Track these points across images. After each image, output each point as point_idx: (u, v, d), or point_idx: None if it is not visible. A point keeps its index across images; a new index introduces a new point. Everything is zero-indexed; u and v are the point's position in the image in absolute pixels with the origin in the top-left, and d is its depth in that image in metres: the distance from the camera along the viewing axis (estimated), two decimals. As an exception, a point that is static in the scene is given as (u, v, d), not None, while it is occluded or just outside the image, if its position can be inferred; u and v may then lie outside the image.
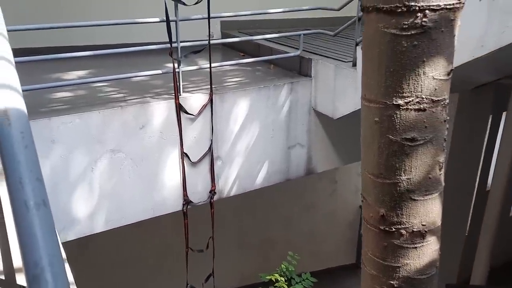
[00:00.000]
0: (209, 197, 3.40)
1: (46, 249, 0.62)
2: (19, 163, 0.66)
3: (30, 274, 0.60)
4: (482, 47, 2.34)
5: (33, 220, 0.63)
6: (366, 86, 1.37)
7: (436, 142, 1.34)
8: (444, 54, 1.25)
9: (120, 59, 3.58)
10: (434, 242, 1.47)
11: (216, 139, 3.27)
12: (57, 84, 2.86)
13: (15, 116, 0.70)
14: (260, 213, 6.39)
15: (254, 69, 3.93)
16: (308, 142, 3.74)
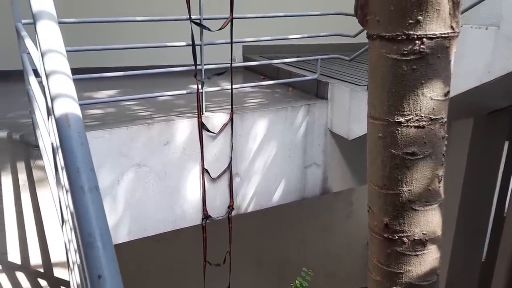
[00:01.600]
0: (227, 212, 3.54)
1: (97, 223, 0.78)
2: (76, 156, 0.83)
3: (85, 242, 0.76)
4: (489, 73, 2.47)
5: (88, 201, 0.80)
6: (371, 105, 1.51)
7: (435, 156, 1.47)
8: (440, 77, 1.39)
9: (148, 80, 3.81)
10: (435, 250, 1.58)
11: (235, 157, 3.42)
12: (90, 102, 3.08)
13: (73, 119, 0.87)
14: (277, 233, 6.48)
15: (273, 91, 4.11)
16: (324, 162, 3.86)
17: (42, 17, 1.02)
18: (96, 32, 4.23)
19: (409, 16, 1.33)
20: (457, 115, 4.07)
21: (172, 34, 3.35)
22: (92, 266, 0.74)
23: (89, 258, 0.75)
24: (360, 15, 1.47)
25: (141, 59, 3.98)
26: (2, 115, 3.32)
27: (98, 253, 0.75)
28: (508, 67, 2.37)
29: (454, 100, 2.93)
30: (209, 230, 3.54)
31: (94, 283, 0.73)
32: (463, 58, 2.59)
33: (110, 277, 0.73)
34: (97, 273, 0.73)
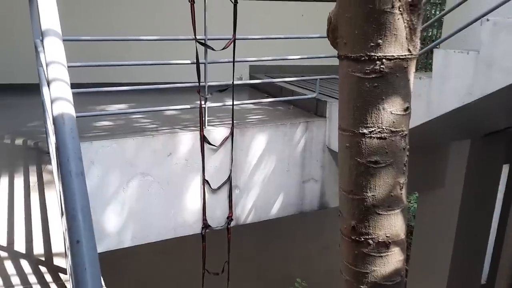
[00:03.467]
0: (226, 223, 3.70)
1: (80, 201, 0.96)
2: (68, 148, 1.02)
3: (69, 215, 0.95)
4: (470, 95, 2.62)
5: (74, 182, 0.98)
6: (340, 118, 1.68)
7: (396, 166, 1.62)
8: (400, 94, 1.56)
9: (155, 96, 4.05)
10: (398, 252, 1.72)
11: (235, 169, 3.60)
12: (99, 113, 3.32)
13: (67, 118, 1.06)
14: (279, 248, 6.58)
15: (275, 109, 4.30)
16: (322, 178, 4.01)
17: (49, 34, 1.22)
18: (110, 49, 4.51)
19: (370, 39, 1.50)
20: (452, 136, 4.19)
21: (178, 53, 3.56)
22: (72, 233, 0.92)
23: (70, 228, 0.94)
24: (331, 38, 1.66)
25: (150, 76, 4.23)
26: (21, 124, 3.57)
27: (78, 223, 0.93)
28: (487, 89, 2.52)
29: (443, 120, 3.09)
30: (210, 241, 3.69)
31: (73, 247, 0.91)
32: (447, 80, 2.75)
33: (86, 242, 0.91)
34: (76, 238, 0.92)
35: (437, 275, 4.95)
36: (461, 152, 4.42)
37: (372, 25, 1.48)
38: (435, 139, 4.33)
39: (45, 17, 1.30)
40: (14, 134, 3.22)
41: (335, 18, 1.61)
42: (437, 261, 4.91)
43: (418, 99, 2.99)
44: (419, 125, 3.16)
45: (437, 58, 2.79)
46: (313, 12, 5.07)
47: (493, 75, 2.45)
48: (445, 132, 3.97)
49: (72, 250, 0.91)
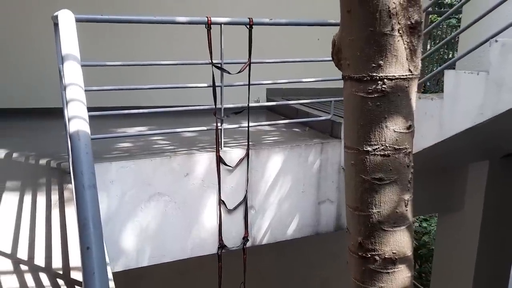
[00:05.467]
0: (242, 243, 3.73)
1: (91, 211, 1.04)
2: (82, 162, 1.10)
3: (81, 224, 1.02)
4: (481, 115, 2.63)
5: (86, 194, 1.06)
6: (346, 136, 1.74)
7: (400, 182, 1.66)
8: (402, 112, 1.61)
9: (173, 119, 4.17)
10: (405, 269, 1.74)
11: (250, 190, 3.65)
12: (119, 135, 3.44)
13: (82, 135, 1.15)
14: (297, 271, 6.54)
15: (291, 130, 4.37)
16: (338, 199, 4.02)
17: (68, 59, 1.33)
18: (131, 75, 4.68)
19: (372, 60, 1.57)
20: (470, 157, 4.16)
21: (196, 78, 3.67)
22: (83, 240, 1.00)
23: (82, 235, 1.01)
24: (336, 59, 1.73)
25: (168, 100, 4.38)
26: (46, 146, 3.72)
27: (89, 231, 1.00)
28: (498, 109, 2.54)
29: (457, 140, 3.10)
30: (227, 263, 3.72)
31: (84, 253, 0.98)
32: (458, 101, 2.78)
33: (96, 248, 0.98)
34: (86, 245, 0.99)
35: (459, 301, 4.84)
36: (480, 173, 4.39)
37: (373, 47, 1.55)
38: (453, 160, 4.31)
39: (66, 43, 1.40)
40: (39, 155, 3.36)
41: (338, 41, 1.68)
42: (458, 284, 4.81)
43: (430, 120, 3.02)
44: (434, 146, 3.17)
45: (448, 79, 2.83)
46: (329, 36, 5.17)
47: (503, 95, 2.47)
48: (463, 154, 3.96)
49: (82, 256, 0.98)
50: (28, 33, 4.86)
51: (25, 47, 4.89)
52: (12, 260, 1.90)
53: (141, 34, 5.16)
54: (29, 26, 4.85)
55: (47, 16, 2.80)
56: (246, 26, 3.29)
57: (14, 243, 2.03)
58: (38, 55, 4.75)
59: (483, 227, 4.45)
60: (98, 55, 3.95)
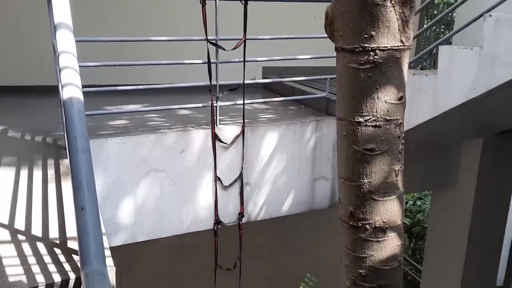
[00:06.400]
0: (237, 219, 3.78)
1: (85, 174, 1.06)
2: (75, 127, 1.12)
3: (75, 186, 1.04)
4: (474, 90, 2.65)
5: (80, 158, 1.08)
6: (338, 108, 1.76)
7: (391, 153, 1.68)
8: (393, 83, 1.62)
9: (169, 97, 4.17)
10: (395, 238, 1.78)
11: (246, 167, 3.68)
12: (115, 111, 3.44)
13: (76, 101, 1.16)
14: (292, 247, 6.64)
15: (286, 108, 4.38)
16: (333, 176, 4.06)
17: (60, 27, 1.33)
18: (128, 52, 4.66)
19: (364, 31, 1.58)
20: (464, 134, 4.19)
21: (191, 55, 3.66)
22: (78, 201, 1.02)
23: (76, 197, 1.03)
24: (329, 31, 1.73)
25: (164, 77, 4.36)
26: (41, 123, 3.73)
27: (83, 192, 1.03)
28: (491, 83, 2.55)
29: (451, 116, 3.12)
30: (223, 239, 3.76)
31: (78, 213, 1.01)
32: (452, 76, 2.79)
33: (90, 209, 1.01)
34: (80, 206, 1.01)
35: (451, 276, 4.93)
36: (474, 150, 4.42)
37: (366, 18, 1.56)
38: (448, 137, 4.34)
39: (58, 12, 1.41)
40: (35, 132, 3.37)
41: (331, 12, 1.69)
42: (450, 262, 4.90)
43: (424, 96, 3.04)
44: (428, 122, 3.20)
45: (442, 54, 2.83)
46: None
47: (496, 70, 2.48)
48: (457, 131, 3.99)
49: (77, 217, 1.01)
50: (22, 9, 4.82)
51: (19, 24, 4.84)
52: (10, 230, 1.93)
53: (135, 11, 5.12)
54: (22, 1, 4.79)
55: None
56: (241, 1, 3.28)
57: (11, 214, 2.06)
58: (33, 33, 4.71)
59: (476, 204, 4.50)
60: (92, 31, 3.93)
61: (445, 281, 5.00)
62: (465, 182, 4.54)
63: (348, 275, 1.85)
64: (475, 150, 4.39)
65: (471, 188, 4.48)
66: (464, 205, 4.59)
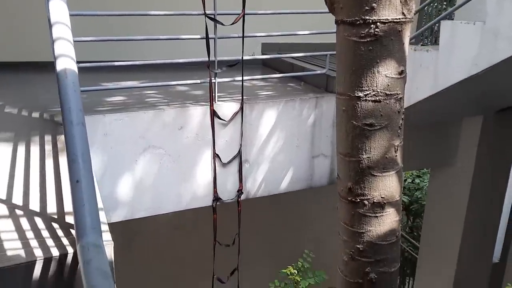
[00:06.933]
0: (236, 196, 3.78)
1: (80, 147, 1.05)
2: (70, 99, 1.10)
3: (70, 158, 1.03)
4: (476, 66, 2.62)
5: (75, 131, 1.06)
6: (338, 83, 1.73)
7: (391, 128, 1.67)
8: (394, 57, 1.60)
9: (167, 73, 4.12)
10: (393, 213, 1.77)
11: (245, 144, 3.67)
12: (112, 87, 3.41)
13: (70, 73, 1.14)
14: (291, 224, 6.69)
15: (285, 85, 4.34)
16: (332, 153, 4.05)
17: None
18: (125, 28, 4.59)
19: (365, 3, 1.54)
20: (464, 112, 4.17)
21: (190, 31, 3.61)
22: (73, 174, 1.01)
23: (71, 170, 1.02)
24: (329, 3, 1.70)
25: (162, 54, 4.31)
26: (39, 99, 3.70)
27: (78, 165, 1.01)
28: (493, 59, 2.52)
29: (452, 93, 3.09)
30: (222, 216, 3.78)
31: (73, 186, 1.00)
32: (454, 52, 2.75)
33: (85, 181, 0.99)
34: (75, 178, 1.00)
35: (448, 253, 4.98)
36: (474, 128, 4.41)
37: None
38: (447, 115, 4.32)
39: (51, -18, 1.36)
40: (32, 108, 3.35)
41: (332, -16, 1.65)
42: (448, 239, 4.94)
43: (425, 72, 3.00)
44: (429, 99, 3.17)
45: (444, 30, 2.79)
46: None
47: (498, 45, 2.45)
48: (457, 108, 3.96)
49: (72, 189, 0.99)
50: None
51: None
52: (7, 205, 1.92)
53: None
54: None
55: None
56: (239, -25, 3.21)
57: (9, 190, 2.05)
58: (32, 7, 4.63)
59: (475, 182, 4.51)
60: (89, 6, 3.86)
61: (442, 258, 5.05)
62: (464, 160, 4.54)
63: (345, 250, 1.86)
64: (475, 128, 4.37)
65: (470, 166, 4.48)
66: (462, 183, 4.59)
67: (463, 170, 4.57)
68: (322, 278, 3.78)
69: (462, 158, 4.57)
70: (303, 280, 3.71)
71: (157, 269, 6.25)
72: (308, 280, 3.69)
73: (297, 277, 3.70)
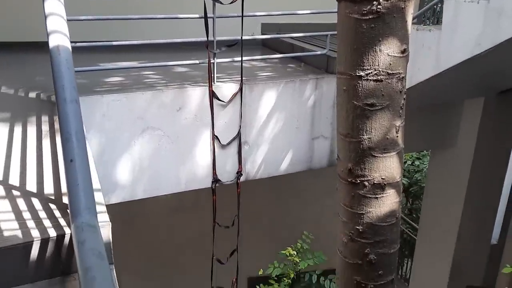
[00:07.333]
0: (236, 178, 3.77)
1: (74, 124, 1.02)
2: (63, 77, 1.07)
3: (63, 137, 1.00)
4: (479, 45, 2.57)
5: (68, 109, 1.04)
6: (338, 62, 1.70)
7: (392, 108, 1.64)
8: (397, 35, 1.56)
9: (166, 54, 4.07)
10: (394, 194, 1.76)
11: (244, 125, 3.64)
12: (107, 67, 3.36)
13: (63, 50, 1.11)
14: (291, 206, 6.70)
15: (285, 66, 4.29)
16: (332, 135, 4.02)
17: (46, -29, 1.25)
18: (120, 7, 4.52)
19: (367, -21, 1.49)
20: (466, 93, 4.13)
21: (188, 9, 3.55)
22: (67, 153, 0.98)
23: (65, 149, 0.99)
24: (330, -20, 1.64)
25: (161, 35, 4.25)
26: (35, 79, 3.66)
27: (72, 144, 0.99)
28: (497, 38, 2.47)
29: (454, 74, 3.05)
30: (221, 198, 3.76)
31: (67, 165, 0.97)
32: (457, 32, 2.70)
33: (79, 160, 0.97)
34: (69, 158, 0.97)
35: (446, 235, 4.99)
36: (475, 110, 4.38)
37: (370, -36, 1.47)
38: (449, 96, 4.28)
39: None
40: (28, 88, 3.31)
41: (333, -41, 1.59)
42: (447, 221, 4.95)
43: (427, 52, 2.96)
44: (430, 80, 3.13)
45: (448, 9, 2.73)
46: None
47: (502, 24, 2.40)
48: (459, 89, 3.92)
49: (66, 169, 0.97)
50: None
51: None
52: (4, 186, 1.90)
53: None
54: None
55: None
56: (239, -48, 3.14)
57: (6, 170, 2.03)
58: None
59: (475, 163, 4.50)
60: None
61: (441, 240, 5.07)
62: (465, 142, 4.51)
63: (345, 232, 1.85)
64: (476, 110, 4.34)
65: (471, 147, 4.46)
66: (463, 164, 4.58)
67: (464, 152, 4.56)
68: (321, 259, 3.80)
69: (462, 140, 4.55)
70: (302, 261, 3.72)
71: (157, 250, 6.28)
72: (307, 261, 3.71)
73: (296, 258, 3.71)
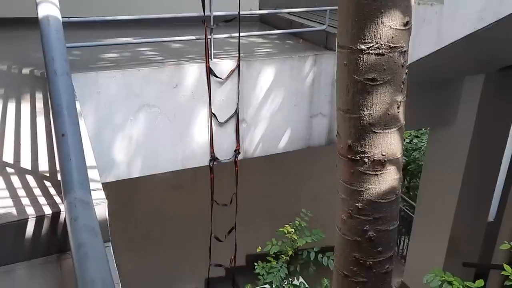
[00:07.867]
0: (233, 156, 3.74)
1: (65, 97, 0.98)
2: (53, 48, 1.02)
3: (54, 111, 0.97)
4: (482, 20, 2.52)
5: (58, 81, 1.00)
6: (339, 35, 1.65)
7: (394, 83, 1.60)
8: (399, 7, 1.51)
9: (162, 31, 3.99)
10: (394, 171, 1.73)
11: (242, 103, 3.59)
12: (102, 43, 3.30)
13: (53, 20, 1.06)
14: (289, 186, 6.70)
15: (283, 42, 4.22)
16: (330, 113, 3.99)
17: None
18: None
19: None
20: (466, 70, 4.08)
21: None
22: (58, 127, 0.95)
23: (56, 123, 0.96)
24: (331, -51, 1.58)
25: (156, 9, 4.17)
26: (29, 55, 3.58)
27: (63, 118, 0.95)
28: (499, 12, 2.42)
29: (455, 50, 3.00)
30: (219, 176, 3.74)
31: (59, 140, 0.94)
32: (459, 5, 2.64)
33: (71, 134, 0.93)
34: (61, 132, 0.94)
35: (444, 212, 5.01)
36: (475, 87, 4.34)
37: None
38: (449, 73, 4.23)
39: None
40: (22, 64, 3.25)
41: None
42: (444, 199, 4.96)
43: (428, 27, 2.90)
44: (431, 56, 3.08)
45: (450, -18, 2.67)
46: None
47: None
48: (459, 65, 3.87)
49: (57, 143, 0.94)
50: None
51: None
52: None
53: None
54: None
55: None
56: None
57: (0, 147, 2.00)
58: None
59: (473, 141, 4.48)
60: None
61: (438, 217, 5.10)
62: (464, 119, 4.49)
63: (344, 209, 1.83)
64: (476, 87, 4.30)
65: (470, 125, 4.44)
66: (461, 142, 4.57)
67: (463, 130, 4.53)
68: (319, 237, 3.81)
69: (462, 118, 4.52)
70: (300, 238, 3.73)
71: (155, 228, 6.30)
72: (305, 238, 3.72)
73: (294, 235, 3.72)
